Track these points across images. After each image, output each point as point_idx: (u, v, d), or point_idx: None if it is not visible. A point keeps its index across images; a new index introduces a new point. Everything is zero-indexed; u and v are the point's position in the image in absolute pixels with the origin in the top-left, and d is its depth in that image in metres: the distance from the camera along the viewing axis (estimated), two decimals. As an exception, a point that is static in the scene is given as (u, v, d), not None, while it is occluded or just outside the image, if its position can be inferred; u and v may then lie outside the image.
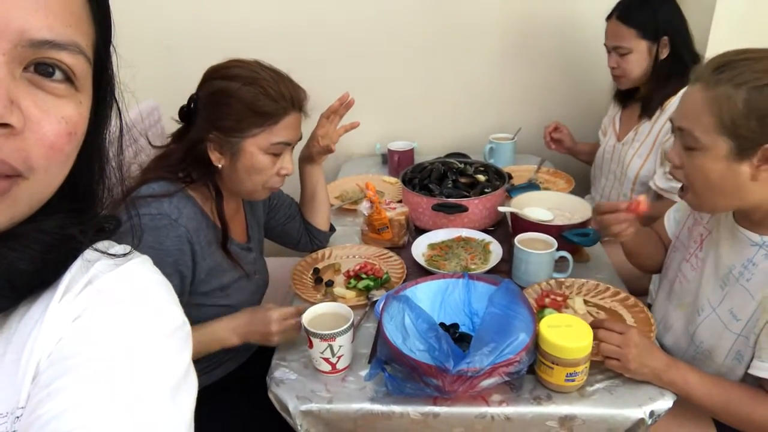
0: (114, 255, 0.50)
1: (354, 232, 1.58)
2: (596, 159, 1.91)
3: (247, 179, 1.11)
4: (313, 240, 1.46)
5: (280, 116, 1.08)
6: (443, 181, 1.62)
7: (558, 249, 1.28)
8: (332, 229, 1.50)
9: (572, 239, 1.31)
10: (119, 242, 0.53)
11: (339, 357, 1.02)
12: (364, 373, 1.02)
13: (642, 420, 0.95)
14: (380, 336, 0.99)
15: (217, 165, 1.09)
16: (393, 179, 1.92)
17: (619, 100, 1.83)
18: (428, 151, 2.12)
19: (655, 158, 1.64)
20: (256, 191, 1.15)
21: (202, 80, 1.11)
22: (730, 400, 0.98)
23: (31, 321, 0.45)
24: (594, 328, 0.99)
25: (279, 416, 1.02)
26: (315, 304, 1.09)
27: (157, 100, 1.78)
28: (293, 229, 1.44)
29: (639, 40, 1.59)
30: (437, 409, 0.96)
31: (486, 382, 0.93)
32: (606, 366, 1.01)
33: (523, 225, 1.39)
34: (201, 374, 0.49)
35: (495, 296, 1.04)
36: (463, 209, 1.49)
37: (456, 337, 1.08)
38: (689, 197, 1.03)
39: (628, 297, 1.21)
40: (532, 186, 1.77)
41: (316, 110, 1.31)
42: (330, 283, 1.31)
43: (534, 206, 1.48)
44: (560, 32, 2.09)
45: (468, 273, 1.18)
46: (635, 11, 1.60)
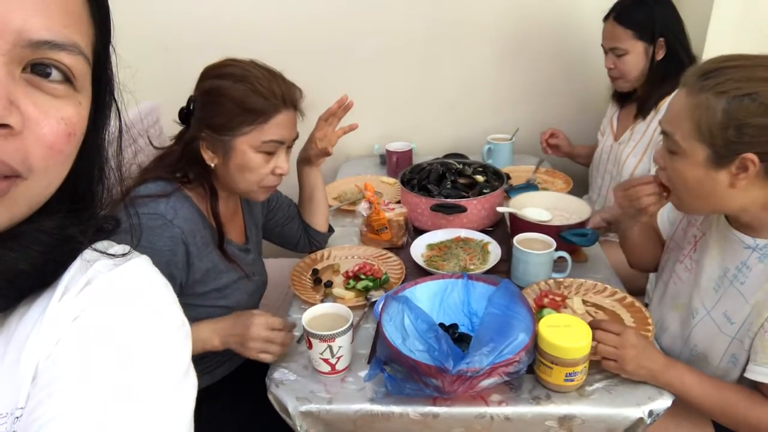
0: (113, 255, 0.50)
1: (353, 233, 1.58)
2: (594, 159, 1.91)
3: (241, 178, 1.11)
4: (312, 241, 1.46)
5: (271, 114, 1.07)
6: (442, 182, 1.62)
7: (556, 249, 1.28)
8: (331, 230, 1.50)
9: (571, 239, 1.32)
10: (118, 242, 0.53)
11: (338, 358, 1.02)
12: (364, 374, 1.02)
13: (641, 419, 0.95)
14: (380, 336, 0.99)
15: (210, 164, 1.09)
16: (391, 180, 1.92)
17: (617, 100, 1.84)
18: (426, 152, 2.12)
19: (650, 158, 1.64)
20: (252, 191, 1.14)
21: (199, 80, 1.11)
22: (727, 402, 0.98)
23: (31, 321, 0.45)
24: (592, 329, 0.99)
25: (278, 417, 1.01)
26: (314, 305, 1.09)
27: (156, 101, 1.78)
28: (292, 231, 1.43)
29: (635, 42, 1.60)
30: (437, 410, 0.96)
31: (485, 382, 0.93)
32: (603, 367, 1.01)
33: (522, 225, 1.39)
34: (201, 374, 0.49)
35: (494, 296, 1.04)
36: (462, 210, 1.49)
37: (455, 338, 1.08)
38: (672, 198, 1.05)
39: (627, 297, 1.21)
40: (531, 186, 1.77)
41: (316, 111, 1.31)
42: (329, 284, 1.31)
43: (532, 206, 1.48)
44: (558, 33, 2.09)
45: (467, 273, 1.18)
46: (632, 12, 1.60)
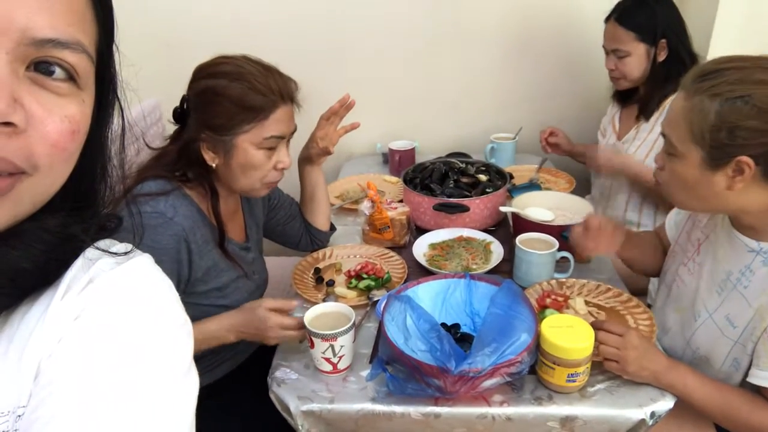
0: (115, 253, 0.50)
1: (355, 232, 1.58)
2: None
3: (244, 176, 1.11)
4: (314, 240, 1.46)
5: (270, 110, 1.07)
6: (444, 181, 1.62)
7: (559, 249, 1.28)
8: (332, 229, 1.50)
9: (573, 239, 1.31)
10: (119, 241, 0.53)
11: (340, 357, 1.02)
12: (366, 373, 1.02)
13: (643, 421, 0.95)
14: (382, 336, 0.99)
15: (212, 164, 1.08)
16: (394, 179, 1.92)
17: (618, 100, 1.83)
18: (429, 151, 2.12)
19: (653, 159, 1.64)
20: (255, 188, 1.14)
21: (191, 80, 1.10)
22: (729, 405, 0.98)
23: (33, 320, 0.45)
24: (594, 330, 0.98)
25: (280, 415, 1.01)
26: (316, 304, 1.09)
27: (159, 98, 1.78)
28: (294, 229, 1.43)
29: (637, 43, 1.59)
30: (438, 410, 0.96)
31: (487, 383, 0.92)
32: (605, 368, 1.01)
33: (525, 225, 1.39)
34: (202, 373, 0.49)
35: (496, 296, 1.04)
36: (465, 209, 1.49)
37: (457, 338, 1.08)
38: (672, 198, 1.05)
39: (630, 298, 1.21)
40: (534, 186, 1.77)
41: (318, 110, 1.31)
42: (331, 283, 1.31)
43: (535, 206, 1.48)
44: (561, 32, 2.09)
45: (469, 273, 1.18)
46: (633, 14, 1.60)
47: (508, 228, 1.56)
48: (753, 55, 0.92)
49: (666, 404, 0.97)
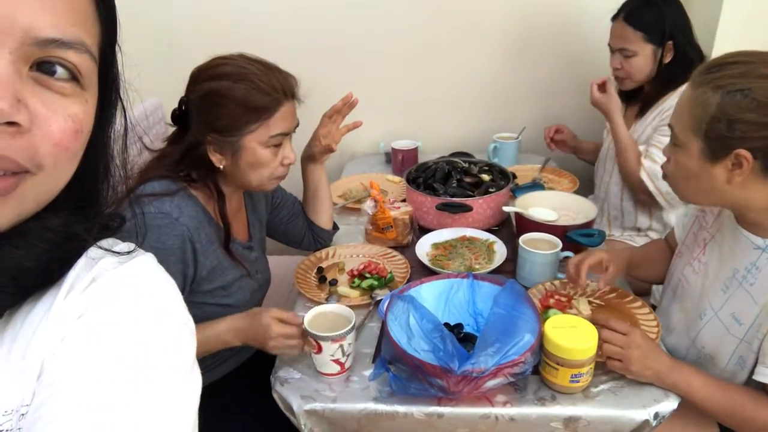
0: (118, 253, 0.50)
1: (358, 231, 1.58)
2: (600, 156, 1.91)
3: (252, 174, 1.12)
4: (317, 239, 1.46)
5: (275, 108, 1.07)
6: (447, 181, 1.62)
7: (563, 249, 1.28)
8: (335, 228, 1.50)
9: (577, 239, 1.31)
10: (123, 240, 0.53)
11: (347, 355, 1.02)
12: (369, 373, 1.02)
13: (647, 421, 0.95)
14: (385, 336, 0.99)
15: (219, 166, 1.09)
16: (397, 178, 1.92)
17: (622, 99, 1.82)
18: (432, 150, 2.11)
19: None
20: (263, 184, 1.15)
21: (190, 82, 1.10)
22: (734, 404, 0.97)
23: (36, 319, 0.45)
24: (598, 327, 0.98)
25: (282, 415, 1.02)
26: (318, 304, 1.09)
27: (161, 97, 1.78)
28: (296, 228, 1.43)
29: (645, 44, 1.59)
30: (441, 410, 0.96)
31: (490, 383, 0.92)
32: (608, 367, 1.00)
33: (528, 225, 1.39)
34: (204, 372, 0.49)
35: (500, 296, 1.04)
36: (468, 209, 1.48)
37: (460, 338, 1.07)
38: (675, 189, 1.06)
39: (634, 299, 1.20)
40: (537, 186, 1.76)
41: (321, 109, 1.31)
42: (334, 282, 1.31)
43: (538, 206, 1.48)
44: (564, 31, 2.08)
45: (472, 273, 1.17)
46: (641, 13, 1.59)
47: (512, 228, 1.55)
48: (762, 51, 0.92)
49: (670, 405, 0.97)
